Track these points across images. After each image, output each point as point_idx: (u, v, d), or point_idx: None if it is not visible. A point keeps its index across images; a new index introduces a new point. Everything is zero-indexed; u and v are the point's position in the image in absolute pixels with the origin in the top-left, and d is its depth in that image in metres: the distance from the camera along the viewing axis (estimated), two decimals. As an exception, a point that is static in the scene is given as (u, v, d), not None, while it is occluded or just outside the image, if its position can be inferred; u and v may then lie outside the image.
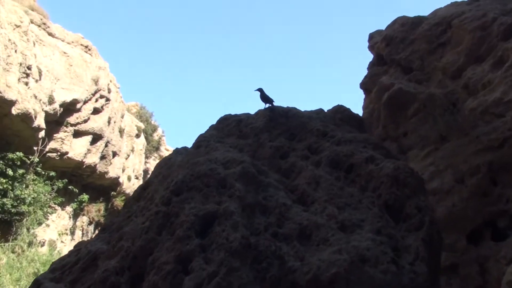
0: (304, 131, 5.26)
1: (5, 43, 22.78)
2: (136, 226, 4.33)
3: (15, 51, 23.34)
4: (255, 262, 3.81)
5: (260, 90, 5.53)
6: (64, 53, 26.09)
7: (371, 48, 12.45)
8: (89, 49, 28.00)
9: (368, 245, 4.00)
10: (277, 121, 5.38)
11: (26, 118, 23.58)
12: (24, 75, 23.73)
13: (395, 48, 11.37)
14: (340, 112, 5.81)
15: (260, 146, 5.11)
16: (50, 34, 25.95)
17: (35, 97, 24.08)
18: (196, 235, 3.89)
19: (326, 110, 5.98)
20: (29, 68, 23.97)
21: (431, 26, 10.98)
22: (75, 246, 5.17)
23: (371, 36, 12.57)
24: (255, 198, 4.30)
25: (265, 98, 5.57)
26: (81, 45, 27.57)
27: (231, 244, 3.75)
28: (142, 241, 4.05)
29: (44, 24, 25.83)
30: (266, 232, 4.09)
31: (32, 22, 25.01)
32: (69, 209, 27.88)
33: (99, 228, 23.41)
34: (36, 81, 24.44)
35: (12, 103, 22.65)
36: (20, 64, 23.43)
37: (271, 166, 4.93)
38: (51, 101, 25.21)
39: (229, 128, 5.48)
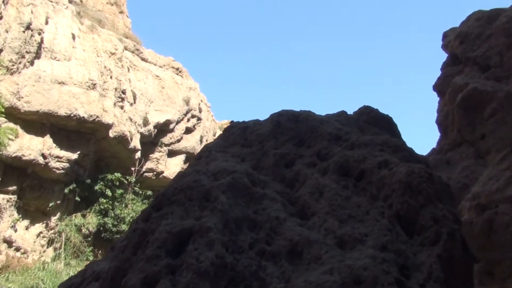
0: (314, 135, 4.76)
1: (101, 70, 24.12)
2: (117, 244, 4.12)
3: (111, 77, 24.65)
4: (230, 284, 3.40)
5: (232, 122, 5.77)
6: (157, 76, 27.14)
7: (444, 47, 11.49)
8: (180, 71, 28.92)
9: (365, 263, 3.45)
10: (285, 127, 4.93)
11: (123, 140, 24.73)
12: (120, 99, 24.95)
13: (470, 45, 10.37)
14: (366, 113, 5.23)
15: (264, 155, 4.69)
16: (143, 59, 27.13)
17: (131, 119, 25.19)
18: (167, 255, 3.56)
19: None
20: (124, 92, 25.18)
21: (510, 18, 9.90)
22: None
23: (445, 35, 11.61)
24: (244, 212, 3.89)
25: None
26: (172, 67, 28.56)
27: (200, 264, 3.37)
28: (118, 261, 3.79)
29: (137, 50, 27.06)
30: (251, 250, 3.67)
31: (126, 49, 26.28)
32: (166, 227, 28.75)
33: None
34: (131, 104, 25.58)
35: (109, 126, 23.88)
36: (116, 89, 24.67)
37: (275, 175, 4.49)
38: (145, 123, 26.25)
39: (234, 136, 5.11)
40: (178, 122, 27.90)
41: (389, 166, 4.14)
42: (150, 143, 27.02)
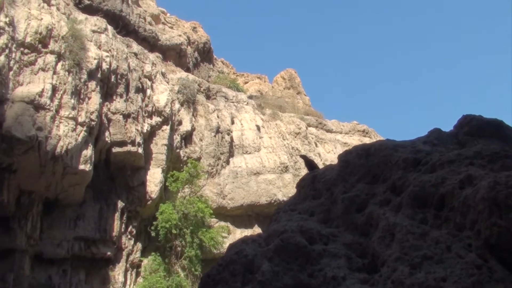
0: (388, 167, 3.86)
1: (289, 151, 24.80)
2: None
3: (298, 156, 25.17)
4: None
5: (304, 157, 5.04)
6: (344, 143, 26.90)
7: None
8: (366, 132, 28.31)
9: (436, 321, 2.53)
10: (354, 165, 4.11)
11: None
12: (313, 176, 25.14)
13: None
14: (466, 123, 4.11)
15: (334, 203, 3.92)
16: (328, 130, 27.27)
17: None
18: None
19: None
20: (316, 167, 25.36)
21: None
22: None
23: None
24: (295, 278, 3.22)
25: (309, 164, 4.94)
26: (358, 131, 28.13)
27: None
28: None
29: (321, 123, 27.35)
30: (301, 323, 2.98)
31: (309, 125, 26.77)
32: None
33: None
34: (326, 177, 25.54)
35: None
36: (308, 167, 24.98)
37: (346, 224, 3.71)
38: (344, 192, 25.85)
39: (304, 189, 4.41)
40: (377, 184, 27.02)
41: (473, 182, 3.13)
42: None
